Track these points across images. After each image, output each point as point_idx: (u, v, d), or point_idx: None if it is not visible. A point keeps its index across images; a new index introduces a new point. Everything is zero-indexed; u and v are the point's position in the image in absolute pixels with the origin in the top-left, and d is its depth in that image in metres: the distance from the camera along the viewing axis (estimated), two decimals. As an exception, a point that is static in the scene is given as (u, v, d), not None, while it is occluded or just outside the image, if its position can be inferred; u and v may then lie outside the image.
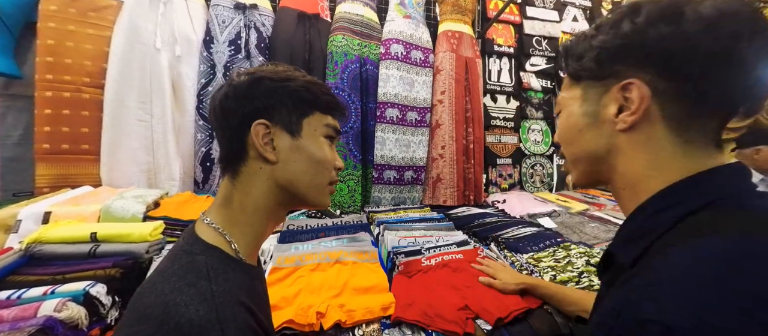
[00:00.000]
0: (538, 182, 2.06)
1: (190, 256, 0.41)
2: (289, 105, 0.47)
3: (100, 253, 0.86)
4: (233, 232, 0.45)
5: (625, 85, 0.40)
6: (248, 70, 0.48)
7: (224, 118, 0.46)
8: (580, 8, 2.12)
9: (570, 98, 0.48)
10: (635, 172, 0.41)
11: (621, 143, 0.42)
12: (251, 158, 0.46)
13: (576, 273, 0.93)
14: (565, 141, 0.49)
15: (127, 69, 1.27)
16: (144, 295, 0.38)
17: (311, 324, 0.73)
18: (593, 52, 0.43)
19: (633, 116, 0.40)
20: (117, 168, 1.28)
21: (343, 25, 1.54)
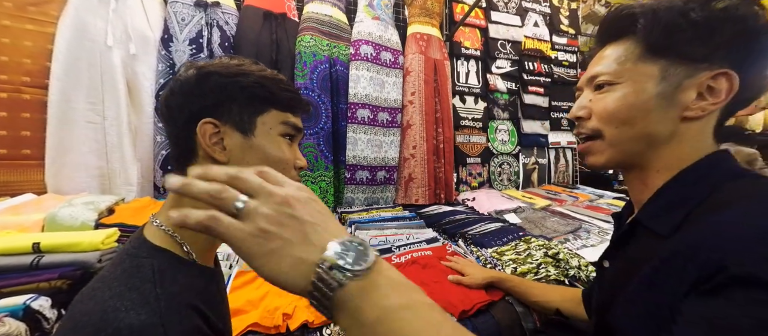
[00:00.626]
0: (506, 180, 2.15)
1: (136, 259, 0.39)
2: (241, 102, 0.44)
3: (44, 265, 0.79)
4: (184, 233, 0.43)
5: (719, 74, 0.38)
6: (197, 64, 0.45)
7: (170, 116, 0.44)
8: (540, 14, 2.24)
9: (640, 74, 0.42)
10: (679, 157, 0.42)
11: (680, 130, 0.42)
12: (201, 158, 0.44)
13: (535, 264, 0.98)
14: (624, 119, 0.44)
15: (73, 68, 1.17)
16: (81, 301, 0.35)
17: (277, 326, 0.72)
18: (695, 30, 0.38)
19: (715, 106, 0.39)
20: (64, 174, 1.18)
21: (311, 25, 1.52)
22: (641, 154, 0.44)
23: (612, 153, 0.45)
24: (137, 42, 1.27)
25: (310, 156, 1.51)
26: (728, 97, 0.39)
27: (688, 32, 0.39)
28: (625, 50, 0.44)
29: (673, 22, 0.39)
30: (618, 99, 0.44)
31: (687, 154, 0.42)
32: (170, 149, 0.47)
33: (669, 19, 0.40)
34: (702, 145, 0.42)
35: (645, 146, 0.44)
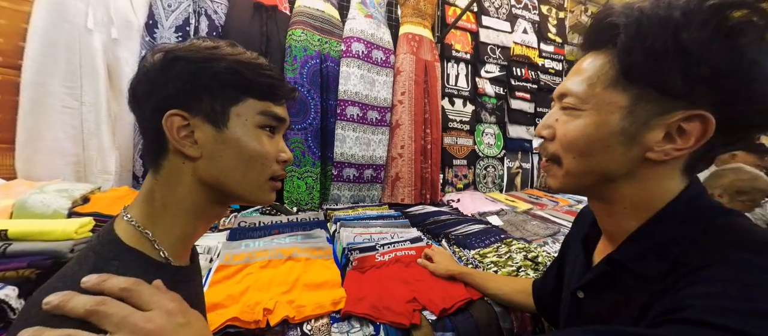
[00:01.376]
0: (490, 183, 2.19)
1: (101, 259, 0.36)
2: (212, 91, 0.39)
3: (12, 253, 0.76)
4: (156, 230, 0.40)
5: (693, 116, 0.34)
6: (164, 47, 0.40)
7: (137, 106, 0.40)
8: (529, 21, 2.29)
9: (608, 103, 0.38)
10: (643, 197, 0.40)
11: (641, 170, 0.39)
12: (171, 152, 0.40)
13: (515, 267, 1.01)
14: (580, 150, 0.41)
15: (50, 49, 1.12)
16: (33, 302, 0.32)
17: (257, 321, 0.71)
18: (683, 58, 0.32)
19: (680, 152, 0.36)
20: (37, 159, 1.13)
21: (302, 19, 1.51)
22: (598, 188, 0.42)
23: (567, 181, 0.43)
24: (120, 26, 1.23)
25: (297, 151, 1.50)
26: (698, 144, 0.35)
27: (671, 59, 0.33)
28: (600, 68, 0.39)
29: (660, 43, 0.33)
30: (578, 128, 0.40)
31: (653, 194, 0.39)
32: (142, 140, 0.44)
33: (654, 40, 0.33)
34: (668, 185, 0.39)
35: (601, 181, 0.41)
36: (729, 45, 0.31)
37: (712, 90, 0.33)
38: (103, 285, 0.32)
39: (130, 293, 0.33)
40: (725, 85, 0.33)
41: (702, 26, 0.32)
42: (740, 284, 0.30)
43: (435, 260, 0.98)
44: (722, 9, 0.32)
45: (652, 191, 0.40)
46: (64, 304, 0.30)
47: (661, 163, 0.37)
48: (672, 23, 0.33)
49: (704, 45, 0.32)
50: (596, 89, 0.39)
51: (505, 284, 0.86)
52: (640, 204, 0.40)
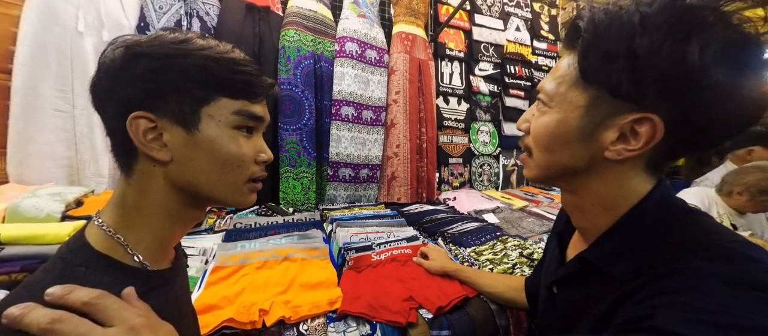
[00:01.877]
0: (486, 181, 2.20)
1: (69, 267, 0.34)
2: (178, 91, 0.36)
3: (4, 257, 0.76)
4: (129, 235, 0.38)
5: (642, 118, 0.35)
6: (126, 41, 0.36)
7: (100, 106, 0.37)
8: (522, 19, 2.30)
9: (569, 103, 0.40)
10: (609, 194, 0.41)
11: (601, 167, 0.40)
12: (141, 157, 0.37)
13: (510, 264, 1.02)
14: (544, 145, 0.43)
15: (41, 53, 1.11)
16: (4, 307, 0.30)
17: (253, 322, 0.71)
18: (634, 62, 0.33)
19: (632, 153, 0.37)
20: (29, 163, 1.12)
21: (295, 19, 1.51)
22: (564, 180, 0.45)
23: (537, 172, 0.45)
24: (111, 29, 1.22)
25: (292, 152, 1.50)
26: (647, 146, 0.36)
27: (622, 64, 0.34)
28: (567, 68, 0.41)
29: (613, 48, 0.34)
30: (544, 125, 0.43)
31: (618, 193, 0.41)
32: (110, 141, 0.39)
33: (609, 43, 0.34)
34: (633, 183, 0.40)
35: (564, 175, 0.43)
36: (679, 51, 0.31)
37: (661, 95, 0.34)
38: (66, 298, 0.30)
39: (94, 307, 0.31)
40: (675, 91, 0.33)
41: (655, 31, 0.32)
42: (702, 294, 0.31)
43: (430, 257, 0.99)
44: (678, 13, 0.32)
45: (616, 189, 0.41)
46: (21, 318, 0.28)
47: (619, 161, 0.39)
48: (629, 28, 0.33)
49: (655, 51, 0.32)
50: (561, 88, 0.41)
51: (498, 282, 0.87)
52: (608, 201, 0.42)
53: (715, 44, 0.31)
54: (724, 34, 0.31)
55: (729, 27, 0.31)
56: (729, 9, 0.31)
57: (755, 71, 0.32)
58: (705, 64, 0.31)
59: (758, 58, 0.32)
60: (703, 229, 0.38)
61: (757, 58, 0.32)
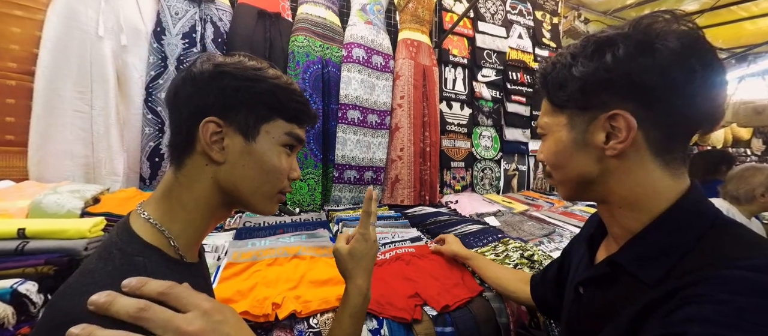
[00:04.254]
0: (488, 185, 2.24)
1: (127, 256, 0.38)
2: (250, 107, 0.44)
3: (30, 251, 0.79)
4: (172, 228, 0.42)
5: (612, 116, 0.42)
6: (215, 60, 0.44)
7: (176, 104, 0.44)
8: (524, 27, 2.35)
9: (555, 124, 0.48)
10: (631, 193, 0.44)
11: (612, 167, 0.44)
12: (197, 152, 0.43)
13: (511, 265, 1.05)
14: (555, 164, 0.50)
15: (62, 56, 1.16)
16: (70, 295, 0.34)
17: (266, 315, 0.75)
18: (577, 83, 0.43)
19: (622, 144, 0.42)
20: (48, 162, 1.17)
21: (304, 25, 1.56)
22: (588, 190, 0.48)
23: (563, 190, 0.52)
24: (129, 33, 1.27)
25: (299, 154, 1.54)
26: (630, 135, 0.41)
27: (574, 85, 0.44)
28: (545, 104, 0.51)
29: (560, 78, 0.45)
30: (547, 148, 0.51)
31: (638, 189, 0.44)
32: (170, 135, 0.45)
33: (556, 76, 0.46)
34: (648, 177, 0.43)
35: (584, 184, 0.48)
36: (600, 64, 0.42)
37: (607, 95, 0.42)
38: (143, 289, 0.34)
39: (168, 296, 0.35)
40: (607, 89, 0.42)
41: (581, 58, 0.43)
42: (733, 308, 0.32)
43: (446, 241, 1.08)
44: (592, 43, 0.43)
45: (634, 185, 0.44)
46: (109, 306, 0.32)
47: (622, 156, 0.43)
48: (565, 63, 0.45)
49: (586, 70, 0.43)
50: (545, 118, 0.51)
51: (505, 272, 0.91)
52: (631, 200, 0.45)
53: (621, 50, 0.41)
54: (625, 46, 0.41)
55: (628, 37, 0.41)
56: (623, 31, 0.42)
57: (670, 55, 0.39)
58: (630, 68, 0.40)
59: (642, 46, 0.40)
60: (732, 239, 0.39)
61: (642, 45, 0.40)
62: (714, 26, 2.90)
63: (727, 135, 3.87)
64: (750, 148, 4.30)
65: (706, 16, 2.66)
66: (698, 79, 0.39)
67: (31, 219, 0.92)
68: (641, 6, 2.73)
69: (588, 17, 2.72)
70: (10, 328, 0.62)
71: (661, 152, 0.43)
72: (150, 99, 1.31)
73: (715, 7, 2.45)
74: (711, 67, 0.39)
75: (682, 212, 0.42)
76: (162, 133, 1.34)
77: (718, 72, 0.39)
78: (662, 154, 0.43)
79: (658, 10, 0.42)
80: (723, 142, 3.84)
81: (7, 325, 0.61)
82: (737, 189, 1.51)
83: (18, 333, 0.63)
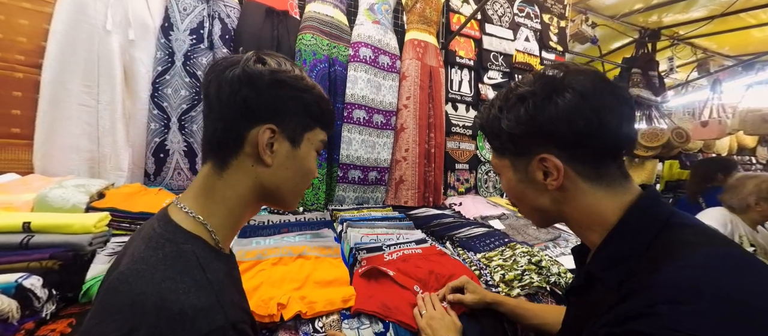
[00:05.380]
0: (492, 187, 2.22)
1: (175, 245, 0.40)
2: (300, 116, 0.48)
3: (34, 245, 0.79)
4: (212, 222, 0.44)
5: (541, 158, 0.49)
6: (268, 64, 0.45)
7: (227, 102, 0.43)
8: (531, 30, 2.34)
9: (502, 166, 0.56)
10: (584, 215, 0.50)
11: (559, 197, 0.50)
12: (245, 154, 0.45)
13: (520, 271, 1.03)
14: (514, 199, 0.57)
15: (70, 49, 1.16)
16: (128, 281, 0.35)
17: (271, 315, 0.74)
18: (505, 135, 0.51)
19: (556, 181, 0.48)
20: (53, 155, 1.16)
21: (312, 24, 1.55)
22: (550, 217, 0.54)
23: (532, 220, 0.58)
24: (137, 28, 1.27)
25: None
26: (560, 173, 0.47)
27: (504, 136, 0.51)
28: (493, 151, 0.58)
29: (494, 130, 0.52)
30: (503, 185, 0.58)
31: (586, 210, 0.49)
32: (209, 131, 0.46)
33: (491, 127, 0.53)
34: (589, 199, 0.49)
35: (543, 212, 0.53)
36: (518, 118, 0.49)
37: (532, 142, 0.49)
38: None
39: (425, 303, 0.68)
40: (532, 137, 0.49)
41: (507, 112, 0.50)
42: (652, 317, 0.36)
43: (468, 290, 0.87)
44: (511, 97, 0.50)
45: (583, 208, 0.49)
46: None
47: (563, 188, 0.49)
48: (495, 117, 0.51)
49: (511, 123, 0.49)
50: (495, 160, 0.58)
51: (548, 314, 0.80)
52: (586, 221, 0.50)
53: (530, 105, 0.47)
54: (532, 102, 0.48)
55: (534, 94, 0.48)
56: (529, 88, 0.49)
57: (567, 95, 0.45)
58: (537, 116, 0.47)
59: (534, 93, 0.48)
60: (678, 237, 0.42)
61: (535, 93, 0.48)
62: (722, 33, 2.89)
63: (732, 143, 3.84)
64: (755, 156, 4.27)
65: (714, 23, 2.64)
66: (605, 119, 0.44)
67: (37, 213, 0.91)
68: (649, 11, 2.71)
69: (595, 21, 2.70)
70: (15, 323, 0.61)
71: (594, 178, 0.48)
72: (156, 94, 1.31)
73: (724, 14, 2.44)
74: (612, 103, 0.45)
75: (631, 221, 0.46)
76: (168, 129, 1.33)
77: (622, 103, 0.46)
78: (596, 179, 0.48)
79: (560, 63, 0.51)
80: (728, 150, 3.82)
81: (12, 320, 0.60)
82: (731, 199, 1.53)
83: (22, 328, 0.62)
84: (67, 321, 0.68)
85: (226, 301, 0.38)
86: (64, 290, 0.74)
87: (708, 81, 3.47)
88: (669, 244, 0.42)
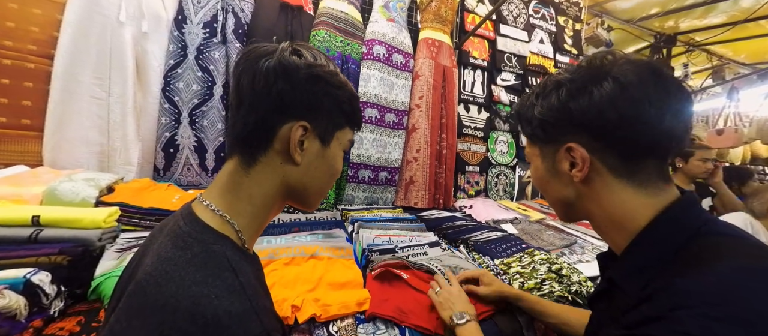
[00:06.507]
0: (502, 191, 2.18)
1: (204, 245, 0.37)
2: (332, 114, 0.45)
3: (43, 239, 0.77)
4: (239, 222, 0.42)
5: (568, 148, 0.47)
6: (304, 57, 0.42)
7: (261, 95, 0.41)
8: (546, 32, 2.30)
9: (532, 154, 0.55)
10: (610, 213, 0.47)
11: (583, 191, 0.49)
12: (274, 151, 0.42)
13: (539, 279, 0.99)
14: (540, 188, 0.57)
15: (83, 40, 1.14)
16: (158, 283, 0.33)
17: (286, 317, 0.72)
18: (536, 121, 0.50)
19: (581, 172, 0.47)
20: (63, 148, 1.15)
21: (326, 20, 1.52)
22: (574, 211, 0.52)
23: (556, 211, 0.56)
24: (150, 20, 1.25)
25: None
26: (586, 164, 0.46)
27: (536, 123, 0.50)
28: (526, 139, 0.57)
29: (528, 116, 0.51)
30: (532, 174, 0.57)
31: (613, 209, 0.47)
32: (237, 125, 0.42)
33: (525, 113, 0.52)
34: (616, 196, 0.46)
35: (567, 205, 0.52)
36: (550, 105, 0.48)
37: (561, 130, 0.48)
38: None
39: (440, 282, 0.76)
40: (562, 126, 0.47)
41: (542, 100, 0.49)
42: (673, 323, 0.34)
43: (483, 282, 0.88)
44: (547, 85, 0.49)
45: (609, 206, 0.47)
46: None
47: (589, 181, 0.47)
48: (529, 104, 0.51)
49: (543, 109, 0.49)
50: (527, 148, 0.57)
51: (570, 314, 0.78)
52: (610, 220, 0.48)
53: (564, 93, 0.46)
54: (567, 89, 0.46)
55: (572, 81, 0.46)
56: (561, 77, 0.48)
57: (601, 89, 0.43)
58: (572, 104, 0.45)
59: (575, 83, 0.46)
60: (712, 245, 0.40)
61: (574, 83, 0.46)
62: (740, 40, 2.82)
63: (745, 152, 3.77)
64: None
65: (733, 30, 2.58)
66: (644, 111, 0.41)
67: (46, 206, 0.89)
68: (665, 16, 2.66)
69: (611, 25, 2.65)
70: (23, 320, 0.59)
71: (625, 175, 0.45)
72: (167, 88, 1.29)
73: (746, 21, 2.38)
74: (658, 96, 0.42)
75: (660, 227, 0.43)
76: (178, 124, 1.31)
77: (670, 97, 0.42)
78: (627, 176, 0.45)
79: (605, 50, 0.47)
80: (741, 159, 3.75)
81: (20, 317, 0.58)
82: (754, 203, 1.56)
83: (30, 325, 0.60)
84: (76, 319, 0.66)
85: (260, 306, 0.36)
86: (72, 287, 0.72)
87: (723, 89, 3.40)
88: (699, 252, 0.39)
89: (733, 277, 0.35)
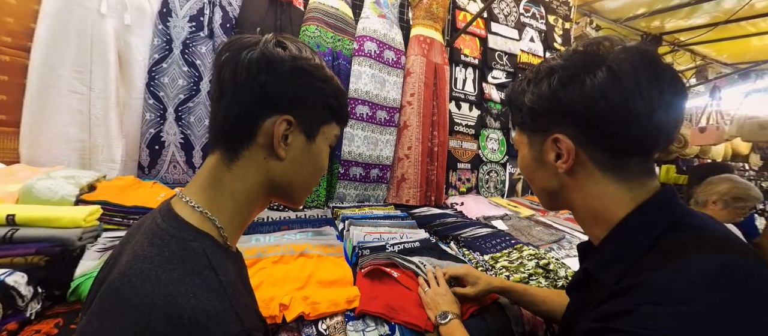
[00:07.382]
0: (493, 188, 2.20)
1: (182, 242, 0.36)
2: (317, 109, 0.44)
3: (19, 239, 0.74)
4: (221, 218, 0.41)
5: (554, 138, 0.47)
6: (289, 49, 0.41)
7: (243, 87, 0.39)
8: (536, 30, 2.31)
9: (520, 142, 0.55)
10: (591, 205, 0.47)
11: (568, 182, 0.49)
12: (257, 145, 0.41)
13: (526, 274, 1.01)
14: (526, 176, 0.57)
15: (61, 33, 1.10)
16: (131, 283, 0.32)
17: (273, 316, 0.70)
18: (526, 109, 0.49)
19: (566, 164, 0.46)
20: (42, 144, 1.10)
21: (316, 15, 1.50)
22: (557, 201, 0.53)
23: (541, 200, 0.56)
24: (133, 13, 1.21)
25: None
26: (571, 156, 0.45)
27: (525, 110, 0.49)
28: (515, 126, 0.57)
29: (518, 103, 0.51)
30: (519, 162, 0.57)
31: (595, 201, 0.47)
32: (218, 119, 0.41)
33: (516, 100, 0.51)
34: (599, 189, 0.46)
35: (553, 195, 0.53)
36: (540, 93, 0.47)
37: (550, 120, 0.47)
38: None
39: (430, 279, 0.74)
40: (549, 115, 0.47)
41: (533, 87, 0.48)
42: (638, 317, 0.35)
43: (469, 282, 0.85)
44: (540, 73, 0.48)
45: (591, 198, 0.47)
46: None
47: (573, 173, 0.47)
48: (520, 90, 0.51)
49: (533, 97, 0.48)
50: (515, 135, 0.57)
51: (551, 295, 0.80)
52: (591, 211, 0.48)
53: (555, 81, 0.45)
54: (559, 77, 0.45)
55: (564, 68, 0.45)
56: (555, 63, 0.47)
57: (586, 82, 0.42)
58: (563, 95, 0.44)
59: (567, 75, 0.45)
60: (676, 250, 0.39)
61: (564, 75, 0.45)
62: (722, 41, 2.90)
63: (727, 149, 3.88)
64: (748, 162, 4.32)
65: (715, 30, 2.65)
66: (634, 103, 0.40)
67: (22, 205, 0.86)
68: (652, 16, 2.71)
69: (600, 24, 2.69)
70: (-4, 324, 0.56)
71: (610, 168, 0.45)
72: (152, 83, 1.25)
73: (727, 22, 2.44)
74: (650, 89, 0.40)
75: (636, 219, 0.44)
76: (164, 120, 1.27)
77: (663, 91, 0.41)
78: (612, 170, 0.45)
79: (605, 36, 0.46)
80: (723, 157, 3.86)
81: (-8, 320, 0.56)
82: (700, 192, 1.58)
83: (4, 328, 0.57)
84: (54, 321, 0.64)
85: (241, 306, 0.34)
86: (50, 288, 0.69)
87: (706, 87, 3.49)
88: (671, 246, 0.40)
89: (705, 273, 0.35)
